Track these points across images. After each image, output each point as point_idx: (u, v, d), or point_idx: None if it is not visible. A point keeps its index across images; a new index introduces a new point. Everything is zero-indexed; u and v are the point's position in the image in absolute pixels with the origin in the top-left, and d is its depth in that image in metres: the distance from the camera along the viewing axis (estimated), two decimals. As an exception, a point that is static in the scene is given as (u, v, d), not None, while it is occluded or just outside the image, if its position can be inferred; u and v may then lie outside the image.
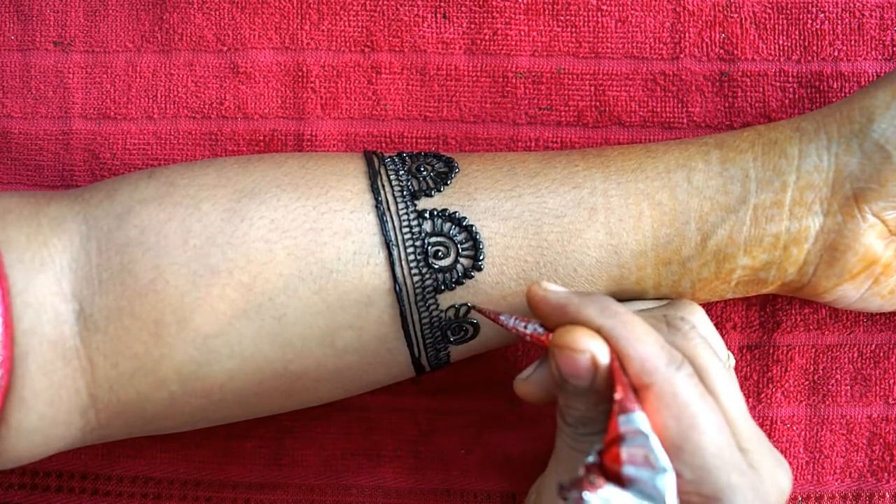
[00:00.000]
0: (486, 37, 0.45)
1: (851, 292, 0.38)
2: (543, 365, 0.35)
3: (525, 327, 0.34)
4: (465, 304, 0.36)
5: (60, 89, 0.46)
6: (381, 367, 0.37)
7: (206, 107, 0.45)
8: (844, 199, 0.36)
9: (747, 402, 0.44)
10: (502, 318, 0.35)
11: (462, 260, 0.36)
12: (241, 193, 0.36)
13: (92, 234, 0.35)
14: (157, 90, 0.46)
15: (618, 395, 0.30)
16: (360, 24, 0.45)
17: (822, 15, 0.44)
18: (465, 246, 0.36)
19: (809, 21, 0.44)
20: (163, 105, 0.46)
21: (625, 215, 0.36)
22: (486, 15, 0.45)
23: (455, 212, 0.36)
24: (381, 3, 0.45)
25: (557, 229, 0.36)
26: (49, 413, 0.35)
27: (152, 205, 0.36)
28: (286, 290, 0.35)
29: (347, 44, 0.45)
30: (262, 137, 0.45)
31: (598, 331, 0.32)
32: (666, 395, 0.31)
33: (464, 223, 0.36)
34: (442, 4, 0.45)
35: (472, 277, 0.36)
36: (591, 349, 0.31)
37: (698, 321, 0.36)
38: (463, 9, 0.45)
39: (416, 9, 0.45)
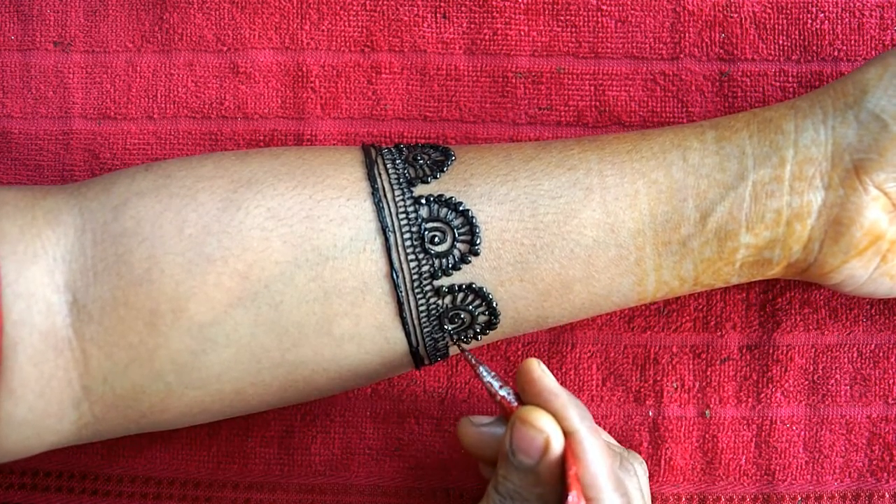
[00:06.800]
0: (486, 37, 0.45)
1: (860, 271, 0.37)
2: (499, 426, 0.37)
3: (500, 388, 0.36)
4: (462, 286, 0.36)
5: (60, 89, 0.46)
6: (378, 356, 0.37)
7: (206, 107, 0.45)
8: (845, 171, 0.36)
9: (747, 402, 0.44)
10: (482, 369, 0.36)
11: (459, 245, 0.36)
12: (237, 183, 0.36)
13: (87, 226, 0.35)
14: (157, 90, 0.46)
15: (572, 471, 0.33)
16: (360, 24, 0.45)
17: (822, 15, 0.44)
18: (461, 231, 0.36)
19: (809, 21, 0.44)
20: (163, 105, 0.46)
21: (620, 194, 0.36)
22: (486, 15, 0.45)
23: (451, 197, 0.36)
24: (381, 3, 0.45)
25: (553, 210, 0.36)
26: (39, 405, 0.35)
27: (149, 196, 0.36)
28: (282, 278, 0.35)
29: (347, 44, 0.45)
30: (262, 137, 0.45)
31: (571, 432, 0.34)
32: None
33: (460, 208, 0.36)
34: (442, 4, 0.45)
35: (469, 262, 0.36)
36: (548, 432, 0.33)
37: (641, 475, 0.39)
38: (463, 9, 0.45)
39: (416, 9, 0.45)
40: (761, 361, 0.44)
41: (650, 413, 0.45)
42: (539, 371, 0.35)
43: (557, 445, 0.33)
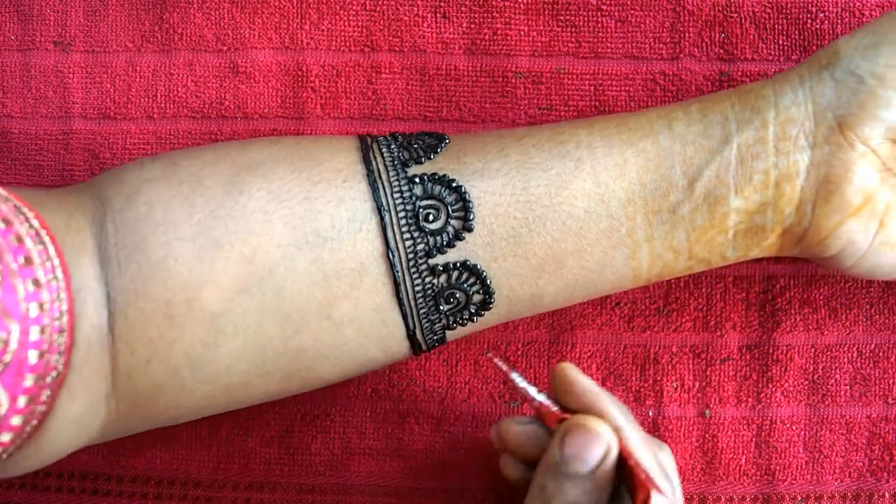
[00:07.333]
0: (486, 37, 0.45)
1: (859, 236, 0.37)
2: (537, 425, 0.37)
3: (537, 393, 0.36)
4: (457, 264, 0.36)
5: (60, 89, 0.46)
6: (377, 341, 0.37)
7: (206, 107, 0.45)
8: (829, 129, 0.36)
9: (747, 402, 0.44)
10: (514, 375, 0.36)
11: (453, 221, 0.37)
12: (239, 167, 0.37)
13: (108, 215, 0.36)
14: (157, 90, 0.46)
15: (642, 474, 0.33)
16: (360, 24, 0.45)
17: (822, 15, 0.44)
18: (455, 207, 0.37)
19: (809, 21, 0.44)
20: (163, 105, 0.46)
21: (610, 164, 0.37)
22: (486, 15, 0.45)
23: (445, 174, 0.37)
24: (381, 3, 0.45)
25: (545, 182, 0.37)
26: (86, 401, 0.35)
27: (159, 183, 0.36)
28: (284, 261, 0.36)
29: (347, 44, 0.45)
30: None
31: (616, 430, 0.34)
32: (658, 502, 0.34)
33: (453, 185, 0.37)
34: (442, 4, 0.45)
35: (462, 239, 0.37)
36: (609, 439, 0.34)
37: (667, 459, 0.39)
38: (463, 9, 0.45)
39: (416, 9, 0.45)
40: (761, 361, 0.44)
41: (650, 413, 0.45)
42: (575, 372, 0.36)
43: (616, 449, 0.34)
